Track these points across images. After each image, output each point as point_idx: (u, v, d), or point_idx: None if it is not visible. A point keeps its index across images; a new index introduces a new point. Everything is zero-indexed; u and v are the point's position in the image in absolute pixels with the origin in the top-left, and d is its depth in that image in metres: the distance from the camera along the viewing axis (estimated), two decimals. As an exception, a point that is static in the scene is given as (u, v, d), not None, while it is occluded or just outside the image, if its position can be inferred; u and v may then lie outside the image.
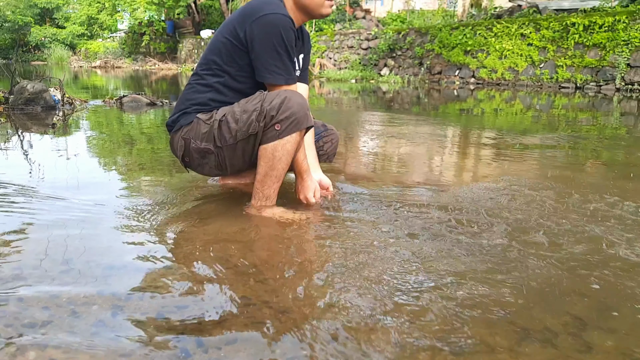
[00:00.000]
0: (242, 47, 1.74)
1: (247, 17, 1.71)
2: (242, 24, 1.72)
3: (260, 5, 1.71)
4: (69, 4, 37.54)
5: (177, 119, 1.85)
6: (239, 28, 1.72)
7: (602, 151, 3.37)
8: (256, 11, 1.70)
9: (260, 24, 1.68)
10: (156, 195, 2.03)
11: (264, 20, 1.68)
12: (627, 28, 9.11)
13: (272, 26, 1.67)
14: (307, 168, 1.86)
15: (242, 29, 1.71)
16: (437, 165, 2.94)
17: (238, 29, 1.73)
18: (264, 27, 1.68)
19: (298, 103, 1.67)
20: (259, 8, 1.70)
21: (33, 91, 5.07)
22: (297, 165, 1.83)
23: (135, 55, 27.71)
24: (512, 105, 7.22)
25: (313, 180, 1.89)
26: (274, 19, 1.67)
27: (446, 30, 12.68)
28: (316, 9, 1.81)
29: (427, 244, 1.50)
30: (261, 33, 1.68)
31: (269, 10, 1.68)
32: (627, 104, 7.32)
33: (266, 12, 1.68)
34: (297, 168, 1.85)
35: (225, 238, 1.54)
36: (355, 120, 5.23)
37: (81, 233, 1.57)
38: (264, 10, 1.69)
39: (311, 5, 1.80)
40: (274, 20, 1.67)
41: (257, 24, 1.68)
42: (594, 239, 1.55)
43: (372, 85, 12.13)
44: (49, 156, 2.91)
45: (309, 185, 1.88)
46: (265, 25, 1.67)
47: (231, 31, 1.75)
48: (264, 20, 1.68)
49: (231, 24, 1.76)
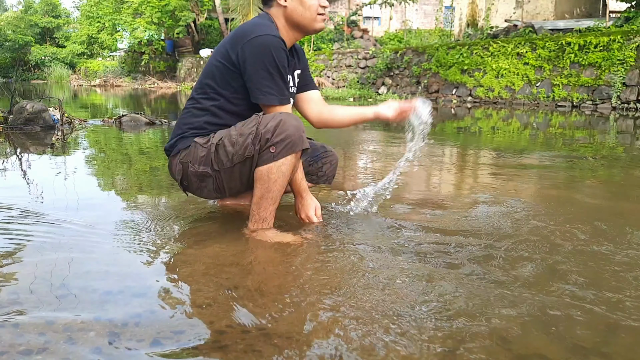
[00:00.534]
0: (235, 70, 1.76)
1: (239, 40, 1.73)
2: (234, 47, 1.74)
3: (251, 28, 1.74)
4: (70, 24, 37.94)
5: (175, 144, 1.86)
6: (232, 51, 1.75)
7: (600, 169, 3.38)
8: (247, 33, 1.72)
9: (251, 45, 1.70)
10: (154, 217, 2.03)
11: (255, 42, 1.70)
12: (622, 47, 9.22)
13: (263, 47, 1.69)
14: (306, 187, 1.87)
15: (235, 52, 1.74)
16: (435, 186, 2.95)
17: (230, 52, 1.75)
18: (255, 48, 1.70)
19: (293, 126, 1.68)
20: (250, 30, 1.73)
21: (32, 111, 5.10)
22: (295, 185, 1.84)
23: (135, 74, 27.90)
24: (509, 124, 7.26)
25: (313, 199, 1.90)
26: (264, 40, 1.70)
27: (443, 49, 12.81)
28: (309, 25, 1.84)
29: (425, 267, 1.50)
30: (253, 55, 1.70)
31: (260, 32, 1.71)
32: (623, 122, 7.37)
33: (257, 34, 1.70)
34: (296, 187, 1.86)
35: (222, 261, 1.54)
36: (353, 139, 5.25)
37: (78, 256, 1.57)
38: (255, 32, 1.71)
39: (304, 22, 1.83)
40: (264, 41, 1.70)
41: (248, 46, 1.70)
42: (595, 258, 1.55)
43: (370, 103, 12.20)
44: (46, 176, 2.92)
45: (309, 203, 1.89)
46: (256, 47, 1.70)
47: (224, 54, 1.78)
48: (255, 42, 1.70)
49: (223, 47, 1.79)
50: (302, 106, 2.06)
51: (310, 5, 1.80)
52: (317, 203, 1.91)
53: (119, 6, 27.28)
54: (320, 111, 2.05)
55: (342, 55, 16.11)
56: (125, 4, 26.12)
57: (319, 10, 1.82)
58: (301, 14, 1.81)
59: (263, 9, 1.89)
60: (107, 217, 2.04)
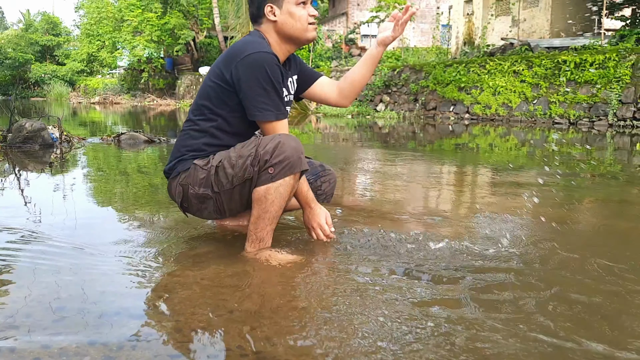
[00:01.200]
0: (230, 89, 1.77)
1: (232, 59, 1.75)
2: (228, 66, 1.76)
3: (243, 46, 1.76)
4: (70, 42, 38.25)
5: (174, 166, 1.86)
6: (225, 70, 1.76)
7: (599, 189, 3.39)
8: (240, 52, 1.74)
9: (245, 64, 1.72)
10: (151, 237, 2.03)
11: (248, 60, 1.72)
12: (617, 65, 9.30)
13: (256, 65, 1.71)
14: (313, 197, 1.87)
15: (228, 71, 1.75)
16: (433, 206, 2.95)
17: (224, 72, 1.77)
18: (249, 66, 1.71)
19: (292, 147, 1.69)
20: (243, 49, 1.75)
21: (31, 129, 5.11)
22: (302, 197, 1.85)
23: (134, 91, 28.07)
24: (507, 141, 7.30)
25: (322, 208, 1.90)
26: (257, 58, 1.71)
27: (440, 67, 12.92)
28: (301, 35, 1.85)
29: (424, 287, 1.49)
30: (247, 73, 1.72)
31: (252, 50, 1.73)
32: (620, 139, 7.41)
33: (249, 52, 1.72)
34: (303, 199, 1.86)
35: (219, 283, 1.53)
36: (352, 157, 5.27)
37: (74, 279, 1.56)
38: (247, 50, 1.73)
39: (296, 33, 1.84)
40: (258, 58, 1.71)
41: (241, 64, 1.72)
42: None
43: (368, 120, 12.26)
44: (43, 195, 2.91)
45: (319, 212, 1.89)
46: (250, 65, 1.71)
47: (218, 74, 1.79)
48: (248, 60, 1.72)
49: (217, 68, 1.81)
50: (319, 95, 2.09)
51: (300, 16, 1.82)
52: (326, 212, 1.91)
53: (119, 25, 27.54)
54: (340, 88, 2.08)
55: (340, 73, 16.24)
56: (125, 22, 26.38)
57: (309, 19, 1.84)
58: (292, 25, 1.83)
59: (253, 26, 1.91)
60: (104, 237, 2.03)
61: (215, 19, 23.37)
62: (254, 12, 1.88)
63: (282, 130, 1.78)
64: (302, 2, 1.82)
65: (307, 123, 11.42)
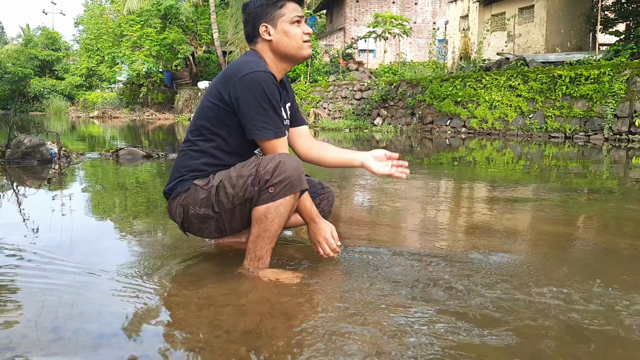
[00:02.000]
0: (228, 109, 1.78)
1: (230, 79, 1.77)
2: (226, 86, 1.77)
3: (240, 66, 1.77)
4: (69, 57, 38.49)
5: (174, 187, 1.87)
6: (223, 91, 1.78)
7: (595, 204, 3.41)
8: (237, 72, 1.76)
9: (242, 83, 1.73)
10: (148, 255, 2.03)
11: (245, 79, 1.73)
12: (612, 80, 9.40)
13: (254, 84, 1.73)
14: (317, 212, 1.86)
15: (226, 91, 1.77)
16: (431, 224, 2.96)
17: (222, 92, 1.78)
18: (246, 86, 1.73)
19: (292, 167, 1.70)
20: (240, 68, 1.76)
21: (30, 145, 5.13)
22: (306, 213, 1.84)
23: (133, 105, 28.20)
24: (503, 154, 7.34)
25: (327, 222, 1.90)
26: (255, 77, 1.73)
27: (437, 82, 13.03)
28: (297, 53, 1.87)
29: (422, 307, 1.50)
30: (245, 92, 1.73)
31: (250, 69, 1.74)
32: (616, 153, 7.46)
33: (247, 72, 1.74)
34: (308, 215, 1.84)
35: (216, 302, 1.54)
36: (349, 173, 5.29)
37: (71, 298, 1.56)
38: (244, 70, 1.75)
39: (291, 51, 1.86)
40: (255, 77, 1.73)
41: (239, 84, 1.74)
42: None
43: (366, 134, 12.32)
44: (40, 212, 2.92)
45: (324, 227, 1.87)
46: (247, 84, 1.73)
47: (216, 95, 1.80)
48: (246, 79, 1.73)
49: (215, 88, 1.82)
50: (291, 141, 2.07)
51: (295, 34, 1.84)
52: (332, 226, 1.90)
53: (118, 39, 27.74)
54: (310, 147, 2.05)
55: (337, 87, 16.35)
56: (124, 37, 26.59)
57: (304, 37, 1.86)
58: (287, 44, 1.85)
59: (249, 46, 1.94)
60: (101, 255, 2.03)
61: (214, 34, 23.59)
62: (249, 32, 1.90)
63: (281, 148, 1.80)
64: (297, 21, 1.85)
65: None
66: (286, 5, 1.84)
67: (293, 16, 1.84)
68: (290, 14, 1.84)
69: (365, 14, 26.53)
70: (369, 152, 1.89)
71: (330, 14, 30.16)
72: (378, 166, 1.85)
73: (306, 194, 1.81)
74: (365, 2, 27.01)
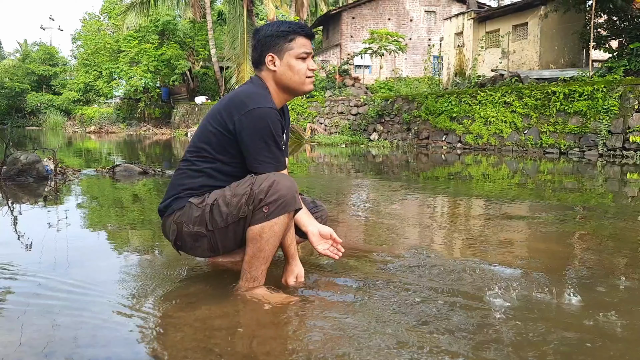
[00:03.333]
0: (232, 137, 1.80)
1: (235, 110, 1.78)
2: (231, 117, 1.79)
3: (247, 99, 1.80)
4: (67, 72, 38.61)
5: (169, 204, 1.88)
6: (228, 120, 1.79)
7: (591, 222, 3.42)
8: (244, 104, 1.78)
9: (248, 118, 1.76)
10: (143, 276, 2.03)
11: (252, 114, 1.76)
12: (606, 96, 9.49)
13: (260, 120, 1.75)
14: (293, 252, 1.88)
15: (232, 122, 1.78)
16: (428, 245, 2.97)
17: (227, 121, 1.79)
18: (252, 121, 1.76)
19: (287, 186, 1.71)
20: (246, 102, 1.78)
21: (26, 162, 5.12)
22: (284, 249, 1.87)
23: (130, 120, 28.25)
24: (499, 170, 7.37)
25: (298, 265, 1.91)
26: (261, 113, 1.76)
27: (432, 97, 13.12)
28: (298, 88, 1.90)
29: (417, 328, 1.50)
30: (250, 127, 1.76)
31: (257, 104, 1.77)
32: (610, 169, 7.51)
33: (254, 107, 1.76)
34: (284, 251, 1.88)
35: (211, 325, 1.53)
36: (345, 190, 5.30)
37: (65, 320, 1.55)
38: (251, 104, 1.77)
39: (293, 85, 1.89)
40: (261, 114, 1.76)
41: (245, 117, 1.76)
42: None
43: (362, 149, 12.36)
44: (34, 231, 2.91)
45: (292, 270, 1.90)
46: (253, 120, 1.76)
47: (220, 122, 1.82)
48: (252, 114, 1.76)
49: (219, 114, 1.83)
50: None
51: (299, 70, 1.87)
52: (300, 270, 1.91)
53: (116, 55, 27.89)
54: None
55: (334, 103, 16.44)
56: (122, 53, 26.73)
57: (307, 73, 1.89)
58: (290, 77, 1.88)
59: (254, 71, 1.96)
60: (96, 276, 2.03)
61: (211, 50, 23.75)
62: (255, 58, 1.93)
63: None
64: (303, 57, 1.87)
65: (301, 152, 11.50)
66: (296, 40, 1.87)
67: (301, 52, 1.87)
68: (298, 49, 1.87)
69: (361, 31, 26.79)
70: (317, 226, 1.93)
71: (326, 31, 30.45)
72: (319, 243, 1.92)
73: (292, 232, 1.84)
74: (361, 18, 27.31)
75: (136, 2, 23.54)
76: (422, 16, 27.81)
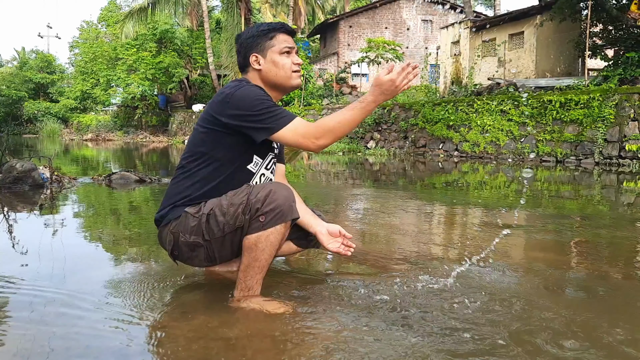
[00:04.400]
0: (226, 131, 1.79)
1: (223, 101, 1.78)
2: (222, 110, 1.78)
3: (229, 87, 1.82)
4: (64, 80, 38.63)
5: (166, 214, 1.86)
6: (219, 115, 1.79)
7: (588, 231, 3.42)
8: (227, 93, 1.79)
9: (236, 97, 1.76)
10: (138, 286, 2.01)
11: (238, 92, 1.77)
12: (602, 105, 9.54)
13: (248, 91, 1.78)
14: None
15: (223, 114, 1.77)
16: (426, 256, 2.96)
17: (218, 116, 1.79)
18: (241, 95, 1.76)
19: (284, 196, 1.70)
20: (229, 90, 1.80)
21: (22, 170, 5.10)
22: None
23: (127, 128, 28.23)
24: (496, 178, 7.38)
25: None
26: (247, 88, 1.79)
27: (429, 106, 13.17)
28: (285, 82, 1.90)
29: (413, 337, 1.49)
30: (242, 100, 1.75)
31: (238, 87, 1.79)
32: (607, 177, 7.53)
33: (237, 88, 1.79)
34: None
35: (206, 335, 1.52)
36: (343, 198, 5.28)
37: (59, 331, 1.54)
38: (235, 88, 1.79)
39: (280, 80, 1.90)
40: (246, 88, 1.79)
41: (234, 98, 1.77)
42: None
43: (359, 157, 12.37)
44: (29, 240, 2.88)
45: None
46: (242, 93, 1.77)
47: (210, 120, 1.82)
48: (239, 92, 1.77)
49: (208, 115, 1.84)
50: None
51: (284, 65, 1.88)
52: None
53: (113, 63, 27.93)
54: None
55: (331, 111, 16.47)
56: (120, 60, 26.77)
57: (293, 67, 1.89)
58: (276, 73, 1.89)
59: (242, 74, 1.97)
60: (91, 286, 2.01)
61: (209, 58, 23.81)
62: (240, 62, 1.95)
63: (303, 128, 1.73)
64: (286, 51, 1.89)
65: (298, 160, 11.50)
66: (276, 36, 1.89)
67: (282, 47, 1.88)
68: (279, 44, 1.88)
69: (358, 39, 26.93)
70: (325, 225, 1.96)
71: (324, 39, 30.58)
72: (329, 242, 1.95)
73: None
74: (358, 27, 27.45)
75: (134, 10, 23.64)
76: (418, 25, 27.98)
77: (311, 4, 30.41)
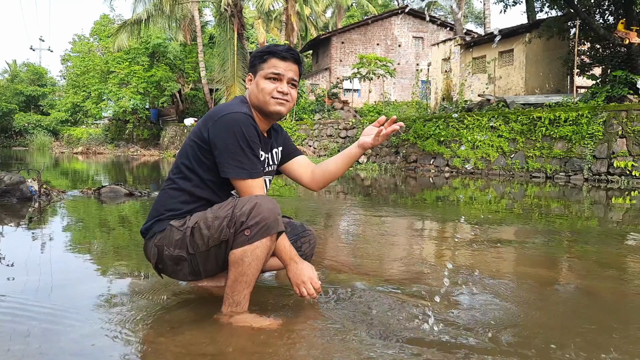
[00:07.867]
0: (207, 147, 1.81)
1: (210, 119, 1.81)
2: (206, 125, 1.81)
3: (222, 107, 1.84)
4: (55, 92, 38.49)
5: (151, 226, 1.86)
6: (204, 129, 1.82)
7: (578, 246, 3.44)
8: (219, 111, 1.81)
9: (221, 122, 1.77)
10: (126, 300, 1.98)
11: (224, 119, 1.77)
12: (590, 122, 9.66)
13: (232, 123, 1.76)
14: (295, 252, 1.84)
15: (206, 130, 1.80)
16: (418, 271, 2.96)
17: (203, 131, 1.82)
18: (224, 125, 1.77)
19: (268, 209, 1.70)
20: (221, 109, 1.82)
21: (10, 182, 5.05)
22: (286, 253, 1.79)
23: (118, 141, 28.12)
24: (486, 194, 7.42)
25: (307, 263, 1.86)
26: (234, 117, 1.77)
27: (420, 122, 13.26)
28: (264, 106, 1.88)
29: (403, 352, 1.48)
30: (222, 131, 1.76)
31: (229, 110, 1.79)
32: (596, 193, 7.59)
33: (226, 112, 1.78)
34: (287, 255, 1.80)
35: (193, 351, 1.50)
36: (334, 212, 5.28)
37: (45, 347, 1.51)
38: (224, 111, 1.80)
39: (259, 104, 1.89)
40: (234, 117, 1.77)
41: (218, 122, 1.78)
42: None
43: (351, 172, 12.39)
44: (15, 254, 2.84)
45: (305, 267, 1.83)
46: (226, 123, 1.77)
47: (197, 133, 1.85)
48: (225, 119, 1.77)
49: (197, 127, 1.87)
50: (294, 173, 2.14)
51: (263, 88, 1.88)
52: (312, 267, 1.86)
53: (105, 76, 27.89)
54: (313, 171, 2.12)
55: (323, 126, 16.54)
56: (112, 74, 26.75)
57: (273, 94, 1.87)
58: (256, 95, 1.90)
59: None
60: (78, 300, 1.98)
61: (201, 72, 23.88)
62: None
63: (257, 190, 1.79)
64: (272, 77, 1.87)
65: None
66: (269, 60, 1.89)
67: (269, 72, 1.88)
68: (267, 69, 1.89)
69: (350, 55, 27.17)
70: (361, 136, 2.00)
71: (316, 55, 30.82)
72: (371, 140, 1.95)
73: (283, 235, 1.79)
74: (350, 43, 27.71)
75: (128, 23, 23.69)
76: (410, 42, 28.31)
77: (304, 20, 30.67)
